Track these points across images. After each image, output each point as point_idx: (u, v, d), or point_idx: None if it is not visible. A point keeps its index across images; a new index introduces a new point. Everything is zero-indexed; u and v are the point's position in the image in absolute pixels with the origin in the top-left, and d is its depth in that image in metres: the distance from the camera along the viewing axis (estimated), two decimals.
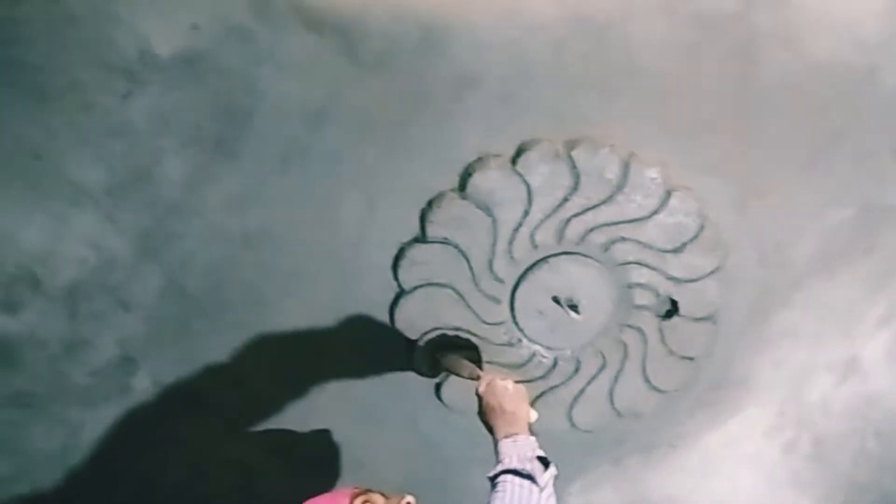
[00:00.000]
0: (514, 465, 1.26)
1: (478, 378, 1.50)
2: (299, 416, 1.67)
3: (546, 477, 1.30)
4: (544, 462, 1.30)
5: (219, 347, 1.58)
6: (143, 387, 1.59)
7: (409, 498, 1.36)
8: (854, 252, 1.70)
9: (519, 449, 1.29)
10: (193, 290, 1.50)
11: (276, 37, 1.27)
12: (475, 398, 1.58)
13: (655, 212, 1.53)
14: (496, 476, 1.26)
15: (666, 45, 1.35)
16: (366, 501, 1.36)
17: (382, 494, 1.38)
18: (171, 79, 1.29)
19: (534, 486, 1.24)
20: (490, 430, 1.38)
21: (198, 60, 1.28)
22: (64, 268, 1.44)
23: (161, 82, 1.29)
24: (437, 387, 1.69)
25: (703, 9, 1.31)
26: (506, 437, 1.32)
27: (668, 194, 1.52)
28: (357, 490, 1.40)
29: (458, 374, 1.54)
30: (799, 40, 1.37)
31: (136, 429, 1.64)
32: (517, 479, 1.24)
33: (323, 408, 1.68)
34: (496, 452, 1.32)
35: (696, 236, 1.57)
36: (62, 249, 1.42)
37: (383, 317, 1.59)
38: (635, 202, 1.52)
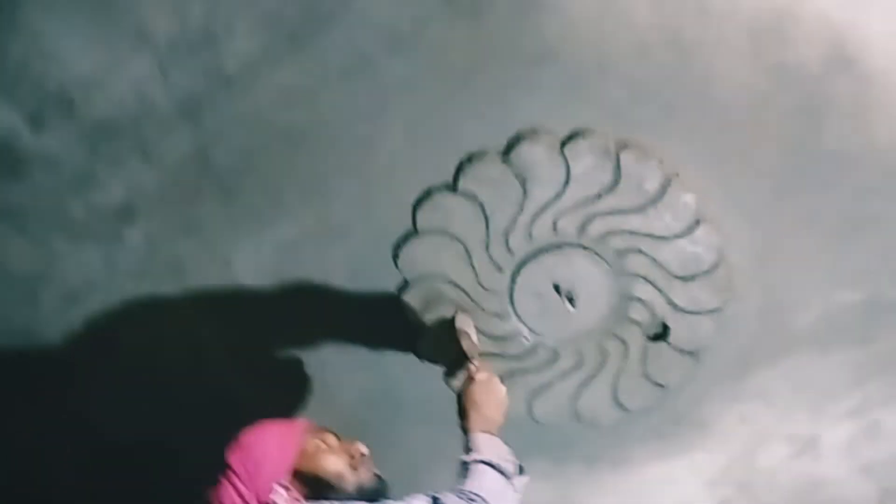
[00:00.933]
0: (493, 459, 1.42)
1: (470, 359, 1.69)
2: (277, 318, 1.87)
3: (520, 482, 1.48)
4: (520, 469, 1.49)
5: (222, 229, 1.75)
6: (135, 241, 1.77)
7: (362, 448, 1.51)
8: (850, 338, 1.89)
9: (497, 448, 1.47)
10: (218, 166, 1.66)
11: None
12: (451, 364, 1.83)
13: (679, 236, 1.71)
14: (471, 463, 1.42)
15: (743, 84, 1.52)
16: (319, 440, 1.52)
17: (337, 437, 1.54)
18: None
19: (509, 486, 1.42)
20: (463, 415, 1.55)
21: None
22: (102, 103, 1.60)
23: None
24: (416, 334, 1.90)
25: (787, 62, 1.48)
26: (483, 432, 1.49)
27: (697, 223, 1.69)
28: (314, 426, 1.58)
29: (457, 339, 1.72)
30: (866, 118, 1.54)
31: (113, 278, 1.83)
32: (494, 473, 1.41)
33: (300, 317, 1.88)
34: (470, 441, 1.48)
35: (708, 271, 1.75)
36: (107, 85, 1.58)
37: (388, 250, 1.77)
38: (663, 220, 1.69)
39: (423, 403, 2.01)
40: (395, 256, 1.79)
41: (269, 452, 1.45)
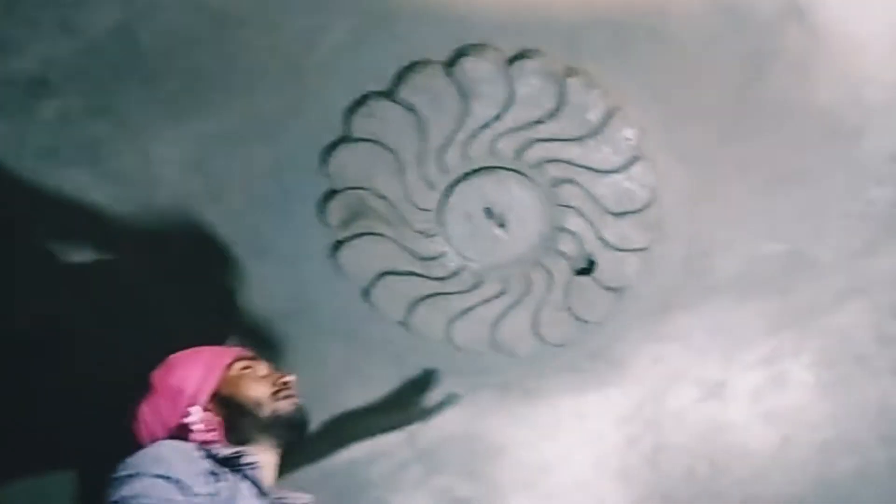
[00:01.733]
0: None
1: None
2: (192, 216, 1.89)
3: None
4: None
5: (142, 115, 1.75)
6: (46, 116, 1.74)
7: (291, 377, 1.61)
8: (770, 288, 2.04)
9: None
10: (144, 44, 1.65)
11: None
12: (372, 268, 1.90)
13: (616, 170, 1.80)
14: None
15: (695, 22, 1.60)
16: (247, 367, 1.61)
17: (269, 366, 1.63)
18: None
19: None
20: None
21: None
22: None
23: None
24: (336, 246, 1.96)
25: (740, 4, 1.57)
26: None
27: (634, 159, 1.79)
28: (244, 353, 1.65)
29: None
30: (810, 73, 1.65)
31: (20, 154, 1.82)
32: None
33: (217, 217, 1.91)
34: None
35: (640, 210, 1.85)
36: None
37: (316, 154, 1.81)
38: (602, 153, 1.78)
39: (340, 319, 2.08)
40: (323, 162, 1.82)
41: (192, 374, 1.56)
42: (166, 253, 1.95)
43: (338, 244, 1.94)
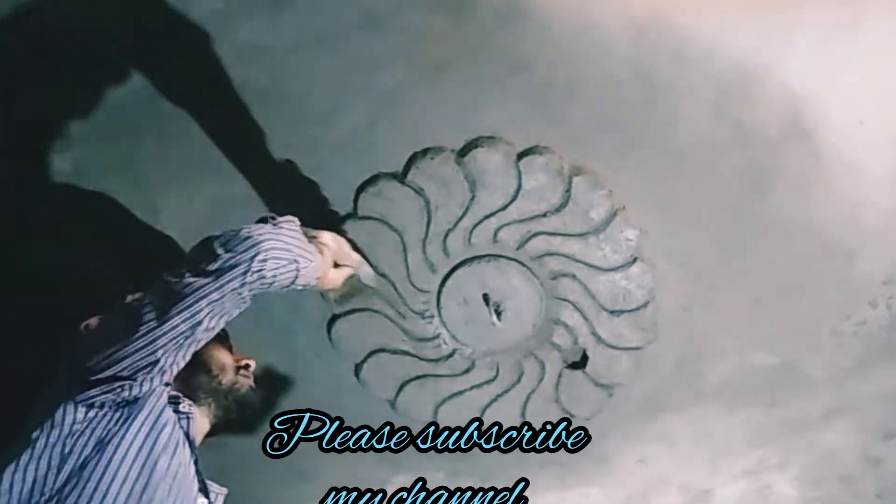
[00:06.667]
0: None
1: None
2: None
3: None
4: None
5: (156, 173, 1.83)
6: (62, 167, 1.82)
7: (252, 361, 1.73)
8: (758, 399, 2.07)
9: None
10: (166, 107, 1.74)
11: None
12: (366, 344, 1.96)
13: (615, 269, 1.85)
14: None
15: (703, 135, 1.69)
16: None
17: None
18: None
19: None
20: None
21: None
22: (57, 10, 1.67)
23: None
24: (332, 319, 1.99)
25: (747, 122, 1.66)
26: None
27: (634, 260, 1.84)
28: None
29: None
30: (809, 192, 1.72)
31: (33, 200, 1.88)
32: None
33: None
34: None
35: (636, 310, 1.90)
36: None
37: (323, 228, 1.85)
38: (602, 251, 1.83)
39: (329, 392, 2.11)
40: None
41: None
42: None
43: (334, 318, 1.98)
